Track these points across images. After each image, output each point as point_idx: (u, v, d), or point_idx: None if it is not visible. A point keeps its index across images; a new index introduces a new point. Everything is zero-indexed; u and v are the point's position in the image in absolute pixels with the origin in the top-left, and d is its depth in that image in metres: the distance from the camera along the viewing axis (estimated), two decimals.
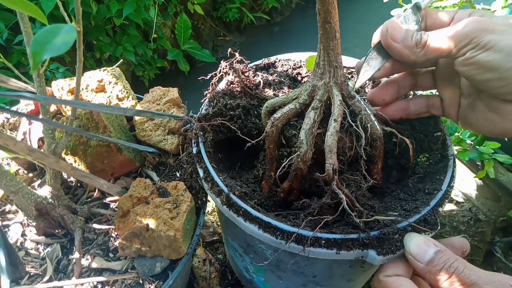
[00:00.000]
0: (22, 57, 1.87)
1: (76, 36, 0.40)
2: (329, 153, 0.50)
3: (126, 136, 0.74)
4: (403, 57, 0.51)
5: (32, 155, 0.53)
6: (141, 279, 0.58)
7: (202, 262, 0.91)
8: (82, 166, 0.68)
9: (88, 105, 0.57)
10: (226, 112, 0.63)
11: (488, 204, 1.08)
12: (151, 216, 0.57)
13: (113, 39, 2.37)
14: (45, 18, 0.42)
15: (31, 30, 0.52)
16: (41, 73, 0.54)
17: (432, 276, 0.42)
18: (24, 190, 0.57)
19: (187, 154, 0.63)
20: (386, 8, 1.23)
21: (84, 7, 1.99)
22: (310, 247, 0.47)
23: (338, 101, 0.52)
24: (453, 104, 0.57)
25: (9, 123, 0.79)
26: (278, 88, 0.70)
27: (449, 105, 0.57)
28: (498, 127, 0.51)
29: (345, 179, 0.53)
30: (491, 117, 0.51)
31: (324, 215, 0.49)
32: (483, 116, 0.51)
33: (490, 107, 0.50)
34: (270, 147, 0.56)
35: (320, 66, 0.53)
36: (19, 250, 0.63)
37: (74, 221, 0.63)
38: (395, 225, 0.48)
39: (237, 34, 3.50)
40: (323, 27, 0.49)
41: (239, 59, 0.68)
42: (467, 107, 0.55)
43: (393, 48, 0.51)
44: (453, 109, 0.57)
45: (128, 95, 0.77)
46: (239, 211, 0.51)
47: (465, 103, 0.55)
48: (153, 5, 2.45)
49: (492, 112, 0.50)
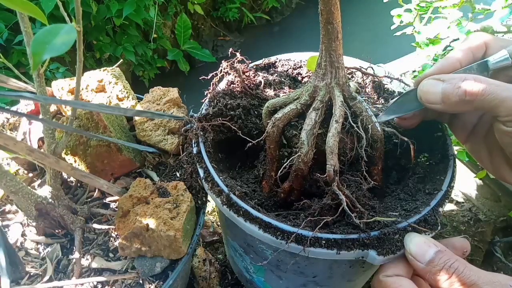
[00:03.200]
0: (22, 57, 1.88)
1: (76, 36, 0.40)
2: (330, 154, 0.50)
3: (126, 136, 0.74)
4: (442, 112, 0.50)
5: (32, 155, 0.53)
6: (141, 279, 0.58)
7: (202, 262, 0.91)
8: (82, 166, 0.68)
9: (88, 105, 0.57)
10: (227, 112, 0.63)
11: (488, 204, 1.08)
12: (151, 216, 0.57)
13: (113, 39, 2.37)
14: (45, 18, 0.42)
15: (31, 30, 0.52)
16: (41, 73, 0.54)
17: (432, 276, 0.42)
18: (24, 190, 0.57)
19: (187, 154, 0.63)
20: (386, 8, 1.23)
21: (84, 7, 1.99)
22: (310, 247, 0.47)
23: (339, 102, 0.52)
24: (468, 132, 0.55)
25: (9, 123, 0.79)
26: (279, 88, 0.70)
27: (462, 129, 0.56)
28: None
29: (346, 179, 0.53)
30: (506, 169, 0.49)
31: (324, 215, 0.49)
32: (498, 165, 0.50)
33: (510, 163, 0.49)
34: (270, 147, 0.56)
35: (321, 67, 0.53)
36: (19, 250, 0.62)
37: (74, 221, 0.63)
38: (395, 225, 0.48)
39: (237, 34, 3.50)
40: (325, 27, 0.49)
41: (240, 59, 0.68)
42: (484, 149, 0.53)
43: (432, 108, 0.49)
44: (463, 135, 0.56)
45: (128, 95, 0.77)
46: (239, 211, 0.51)
47: (485, 147, 0.54)
48: (153, 5, 2.45)
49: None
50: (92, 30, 2.21)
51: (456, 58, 0.50)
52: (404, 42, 1.33)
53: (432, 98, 0.47)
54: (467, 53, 0.50)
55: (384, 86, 0.71)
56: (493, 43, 0.50)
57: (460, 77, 0.45)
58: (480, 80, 0.43)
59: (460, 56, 0.50)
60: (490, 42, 0.50)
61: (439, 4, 1.05)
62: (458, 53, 0.50)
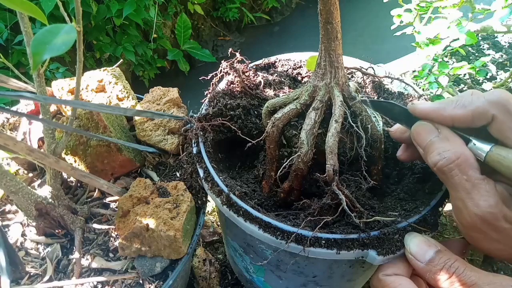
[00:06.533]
0: (22, 57, 1.88)
1: (76, 36, 0.40)
2: (330, 154, 0.50)
3: (126, 136, 0.74)
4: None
5: (32, 155, 0.53)
6: (141, 279, 0.58)
7: (202, 262, 0.91)
8: (82, 166, 0.68)
9: (88, 105, 0.57)
10: (227, 112, 0.63)
11: None
12: (151, 216, 0.57)
13: (113, 39, 2.37)
14: (45, 18, 0.42)
15: (31, 30, 0.52)
16: (41, 73, 0.54)
17: (432, 276, 0.42)
18: (24, 190, 0.57)
19: (187, 154, 0.63)
20: (386, 8, 1.23)
21: (84, 7, 1.99)
22: (310, 247, 0.47)
23: (339, 101, 0.52)
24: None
25: (9, 123, 0.79)
26: (279, 88, 0.70)
27: None
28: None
29: (345, 179, 0.53)
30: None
31: (324, 215, 0.49)
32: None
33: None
34: (270, 147, 0.56)
35: (321, 67, 0.53)
36: (19, 250, 0.63)
37: (74, 221, 0.63)
38: (395, 225, 0.48)
39: (237, 34, 3.50)
40: (324, 27, 0.49)
41: (240, 59, 0.68)
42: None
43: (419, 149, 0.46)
44: None
45: (128, 95, 0.77)
46: (239, 211, 0.51)
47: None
48: (153, 5, 2.45)
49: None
50: (92, 30, 2.21)
51: (451, 115, 0.43)
52: (404, 42, 1.33)
53: (418, 140, 0.46)
54: (466, 116, 0.43)
55: (384, 86, 0.71)
56: (503, 118, 0.41)
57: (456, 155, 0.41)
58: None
59: (458, 115, 0.43)
60: (499, 117, 0.41)
61: (439, 4, 1.05)
62: (458, 110, 0.43)
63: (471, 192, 0.40)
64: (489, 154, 0.41)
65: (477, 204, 0.39)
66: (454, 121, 0.44)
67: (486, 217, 0.39)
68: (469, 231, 0.42)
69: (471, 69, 1.02)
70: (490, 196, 0.39)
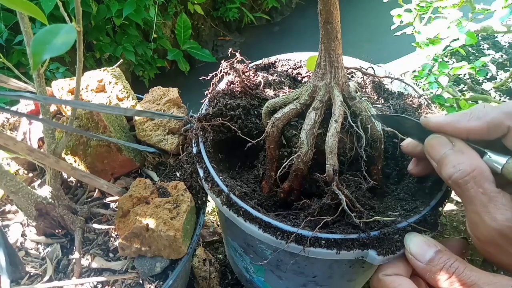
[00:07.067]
0: (22, 57, 1.88)
1: (76, 36, 0.40)
2: (330, 154, 0.50)
3: (126, 136, 0.74)
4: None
5: (32, 155, 0.53)
6: (141, 279, 0.58)
7: (202, 262, 0.91)
8: (82, 166, 0.68)
9: (88, 105, 0.57)
10: (226, 112, 0.63)
11: None
12: (151, 216, 0.57)
13: (113, 39, 2.37)
14: (45, 18, 0.42)
15: (31, 30, 0.52)
16: (41, 73, 0.54)
17: (432, 276, 0.42)
18: (24, 190, 0.57)
19: (187, 154, 0.63)
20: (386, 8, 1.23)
21: (84, 7, 1.99)
22: (310, 247, 0.47)
23: (339, 101, 0.52)
24: None
25: (9, 123, 0.79)
26: (279, 88, 0.70)
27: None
28: None
29: (345, 179, 0.53)
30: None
31: (324, 215, 0.49)
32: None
33: None
34: (270, 147, 0.56)
35: (321, 67, 0.53)
36: (19, 250, 0.63)
37: (74, 221, 0.63)
38: (395, 225, 0.48)
39: (237, 34, 3.50)
40: (324, 27, 0.49)
41: (240, 59, 0.68)
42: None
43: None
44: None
45: (128, 95, 0.77)
46: (239, 211, 0.51)
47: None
48: (153, 5, 2.45)
49: None
50: (92, 30, 2.21)
51: (466, 127, 0.43)
52: (404, 42, 1.33)
53: (432, 154, 0.45)
54: (482, 127, 0.42)
55: (384, 86, 0.71)
56: None
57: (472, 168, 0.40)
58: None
59: (473, 127, 0.43)
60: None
61: (439, 4, 1.05)
62: (473, 122, 0.42)
63: (488, 206, 0.39)
64: (506, 166, 0.40)
65: (494, 218, 0.39)
66: (469, 134, 0.43)
67: (504, 231, 0.38)
68: (486, 245, 0.41)
69: (471, 69, 1.03)
70: (507, 209, 0.38)
